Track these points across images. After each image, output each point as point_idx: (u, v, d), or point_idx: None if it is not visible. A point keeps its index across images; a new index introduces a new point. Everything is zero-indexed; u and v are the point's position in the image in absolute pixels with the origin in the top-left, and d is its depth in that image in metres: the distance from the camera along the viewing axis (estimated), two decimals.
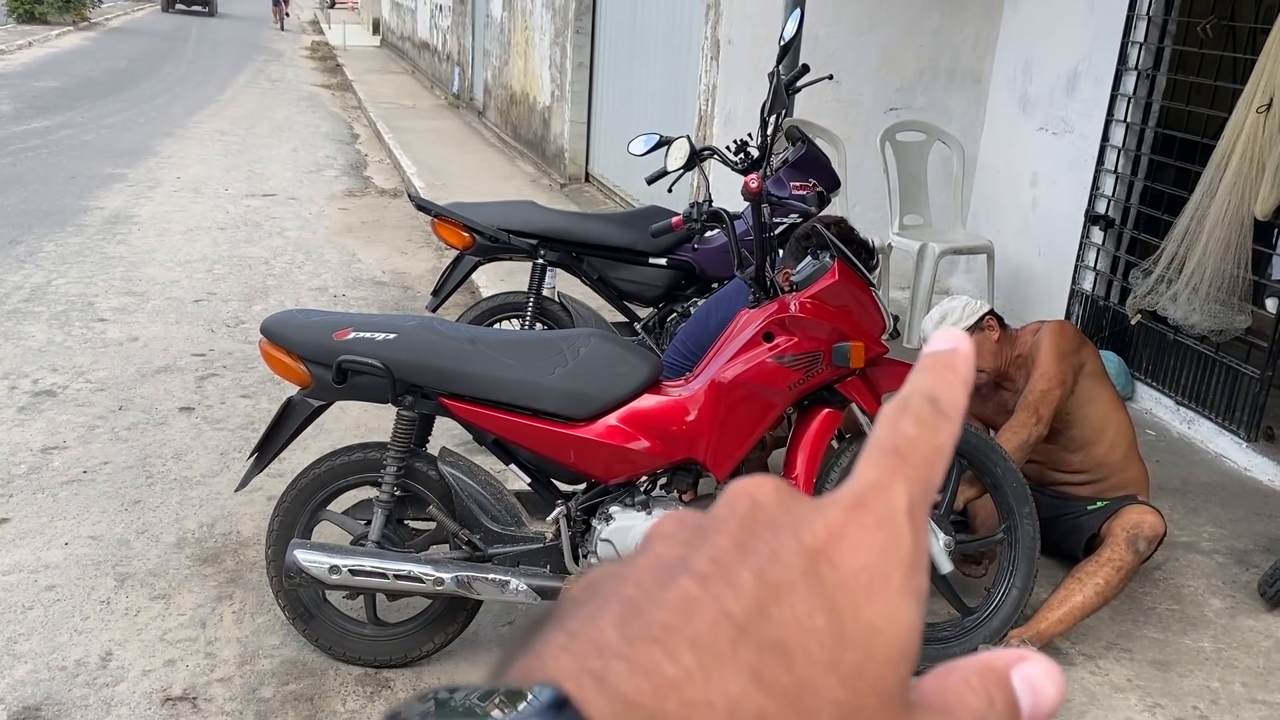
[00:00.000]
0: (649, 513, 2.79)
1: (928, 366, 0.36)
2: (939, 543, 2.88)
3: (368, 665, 2.94)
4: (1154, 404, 4.82)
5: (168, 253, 7.38)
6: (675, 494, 2.91)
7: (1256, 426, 4.30)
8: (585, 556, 2.85)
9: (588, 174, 9.77)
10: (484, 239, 4.15)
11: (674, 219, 3.15)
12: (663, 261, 4.24)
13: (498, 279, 6.14)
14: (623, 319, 4.44)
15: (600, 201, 8.85)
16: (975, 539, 3.02)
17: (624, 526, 2.77)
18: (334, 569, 2.74)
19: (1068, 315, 5.37)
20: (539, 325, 4.27)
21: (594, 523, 2.84)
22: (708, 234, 3.28)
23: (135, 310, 6.08)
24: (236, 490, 2.98)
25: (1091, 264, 5.26)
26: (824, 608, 0.30)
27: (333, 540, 3.31)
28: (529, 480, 2.89)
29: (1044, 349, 3.24)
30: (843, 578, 0.31)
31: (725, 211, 2.95)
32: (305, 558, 2.74)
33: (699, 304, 4.30)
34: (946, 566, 2.89)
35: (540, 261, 4.22)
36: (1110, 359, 4.74)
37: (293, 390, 2.86)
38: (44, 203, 8.64)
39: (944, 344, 0.37)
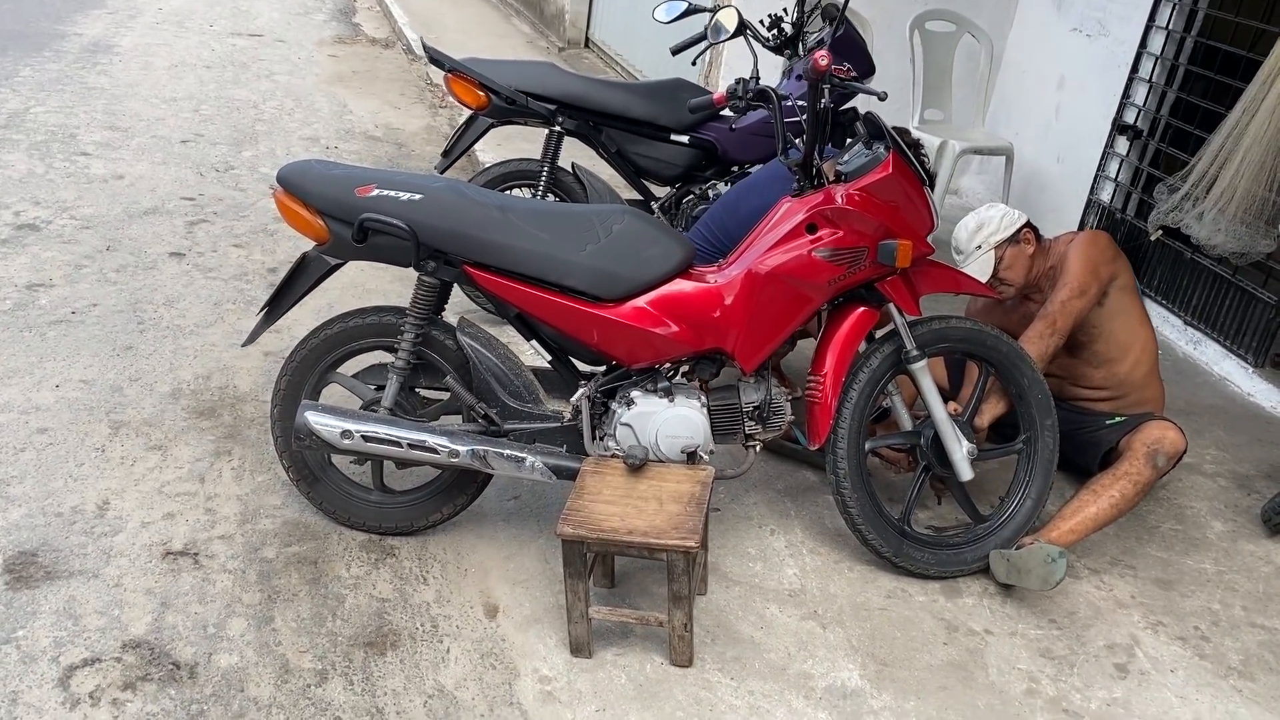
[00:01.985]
0: (670, 400, 2.72)
1: None
2: (962, 450, 2.84)
3: (372, 531, 2.89)
4: (1161, 322, 4.77)
5: (151, 88, 7.05)
6: (697, 382, 2.83)
7: (1265, 353, 4.28)
8: (602, 439, 2.78)
9: (588, 39, 9.41)
10: (500, 100, 3.95)
11: (715, 95, 2.98)
12: (685, 139, 4.08)
13: (494, 143, 5.93)
14: (638, 197, 4.29)
15: (600, 69, 8.53)
16: (996, 448, 2.99)
17: (644, 413, 2.70)
18: (346, 433, 2.65)
19: (1082, 226, 5.28)
20: (551, 197, 4.12)
21: (613, 406, 2.76)
22: (737, 115, 3.12)
23: (120, 146, 5.82)
24: (244, 345, 2.87)
25: (1113, 175, 5.14)
26: None
27: (340, 403, 3.23)
28: (550, 358, 2.80)
29: (1073, 257, 3.15)
30: None
31: (774, 90, 2.79)
32: (317, 420, 2.65)
33: (717, 187, 4.17)
34: (967, 474, 2.85)
35: (557, 129, 4.04)
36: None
37: (308, 245, 2.73)
38: (15, 24, 8.20)
39: None
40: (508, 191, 4.15)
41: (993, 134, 5.71)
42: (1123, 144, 5.08)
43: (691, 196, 4.18)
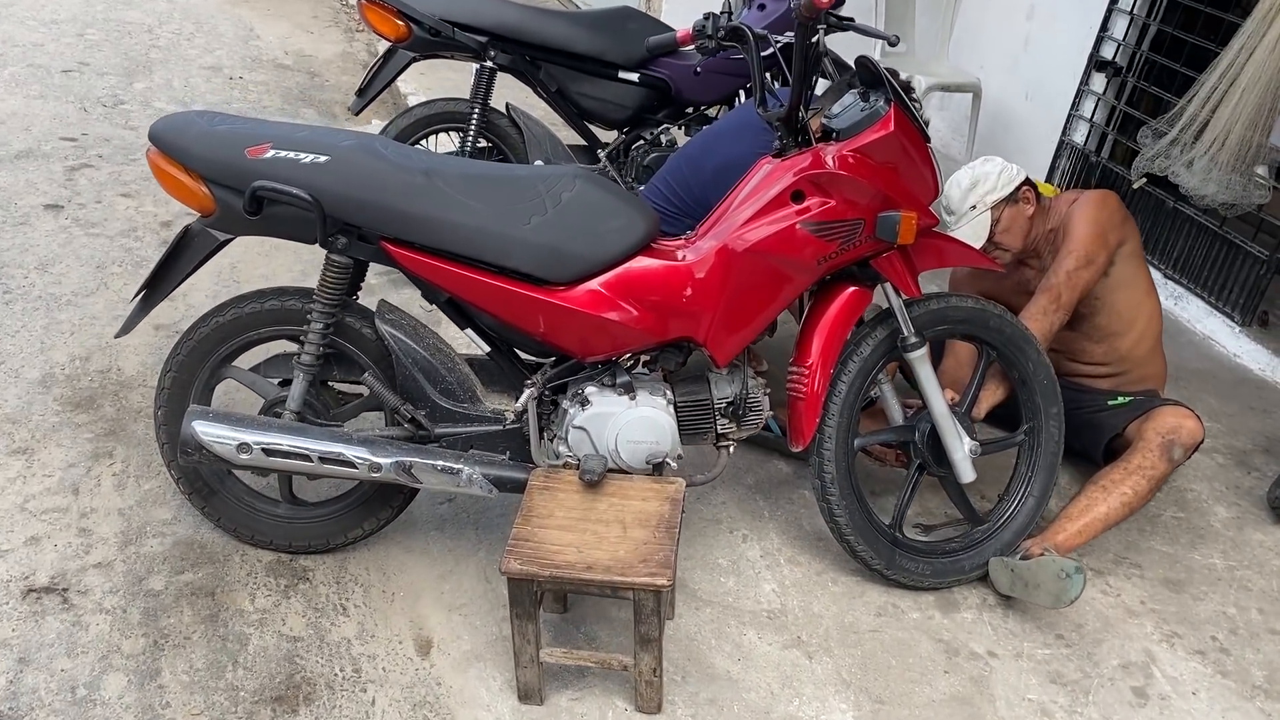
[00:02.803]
0: (632, 398, 2.32)
1: None
2: (964, 448, 2.49)
3: (281, 551, 2.47)
4: None
5: (28, 8, 6.32)
6: (660, 373, 2.44)
7: (1253, 310, 4.01)
8: (551, 440, 2.38)
9: None
10: (422, 31, 3.45)
11: (679, 33, 2.54)
12: (634, 77, 3.62)
13: (418, 77, 5.40)
14: (581, 142, 3.83)
15: None
16: (995, 440, 2.65)
17: (602, 414, 2.30)
18: (243, 447, 2.21)
19: (1052, 169, 4.94)
20: (482, 142, 3.64)
21: (564, 404, 2.36)
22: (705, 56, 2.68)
23: None
24: (118, 335, 2.39)
25: (1087, 115, 4.79)
26: None
27: (239, 406, 2.77)
28: (488, 350, 2.37)
29: (1079, 221, 2.80)
30: None
31: (750, 29, 2.35)
32: (206, 431, 2.20)
33: (670, 131, 3.73)
34: (969, 476, 2.51)
35: (489, 65, 3.55)
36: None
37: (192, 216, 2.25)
38: None
39: None
40: (433, 137, 3.67)
41: (958, 68, 5.32)
42: (1099, 81, 4.72)
43: (642, 142, 3.74)
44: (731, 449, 2.44)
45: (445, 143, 3.71)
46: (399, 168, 2.17)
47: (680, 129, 3.78)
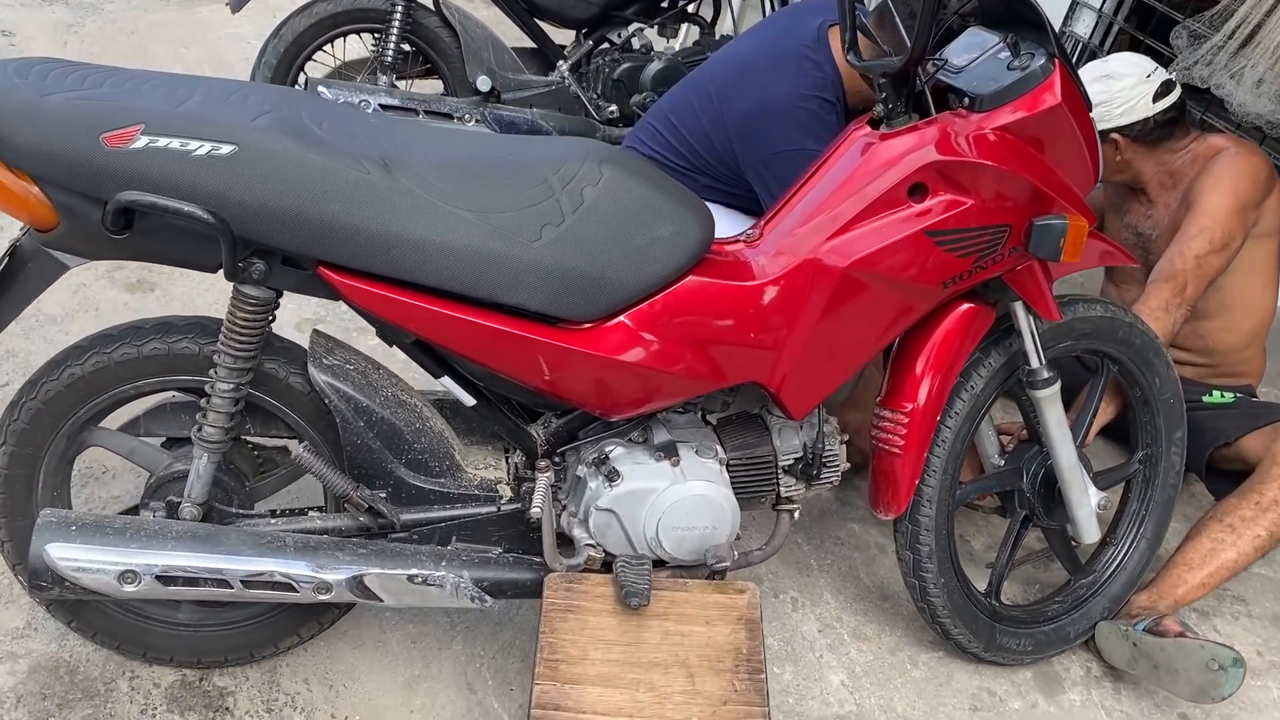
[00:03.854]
0: (674, 463, 1.68)
1: None
2: (1091, 503, 1.95)
3: (187, 667, 1.80)
4: None
5: None
6: (700, 417, 1.80)
7: None
8: (559, 513, 1.74)
9: None
10: None
11: None
12: None
13: None
14: (531, 46, 3.04)
15: None
16: (1106, 471, 2.10)
17: (636, 492, 1.66)
18: (128, 575, 1.50)
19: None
20: (406, 47, 2.82)
21: (581, 472, 1.71)
22: None
23: None
24: None
25: (1095, 2, 4.17)
26: None
27: (109, 477, 2.03)
28: (472, 403, 1.68)
29: (1217, 190, 2.22)
30: None
31: None
32: (69, 557, 1.48)
33: (645, 35, 2.97)
34: (1094, 535, 1.98)
35: None
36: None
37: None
38: None
39: None
40: (339, 41, 2.82)
41: None
42: None
43: (608, 47, 2.97)
44: (796, 514, 1.84)
45: (356, 48, 2.88)
46: (343, 157, 1.42)
47: (655, 28, 3.03)
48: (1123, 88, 2.24)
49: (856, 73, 1.83)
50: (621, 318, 1.56)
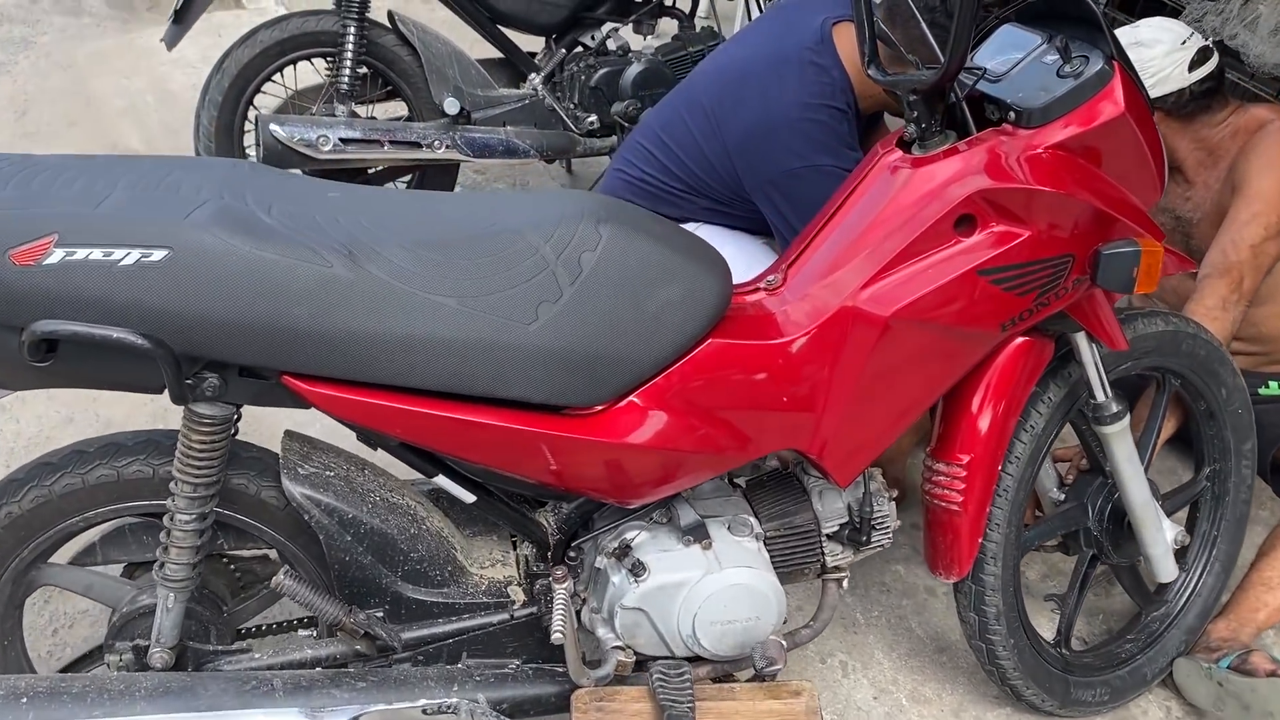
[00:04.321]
0: (706, 547, 1.48)
1: None
2: (1167, 539, 1.76)
3: None
4: None
5: None
6: (731, 487, 1.60)
7: None
8: (579, 609, 1.54)
9: None
10: None
11: None
12: None
13: None
14: (497, 55, 2.80)
15: None
16: (1172, 492, 1.91)
17: (666, 586, 1.46)
18: None
19: None
20: (362, 72, 2.59)
21: (601, 564, 1.50)
22: None
23: None
24: None
25: None
26: None
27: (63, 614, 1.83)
28: (473, 499, 1.47)
29: (1264, 170, 2.02)
30: None
31: None
32: None
33: (620, 35, 2.75)
34: (1171, 573, 1.79)
35: None
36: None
37: None
38: None
39: None
40: (289, 69, 2.58)
41: None
42: None
43: (582, 51, 2.74)
44: (845, 583, 1.64)
45: (309, 73, 2.64)
46: (300, 250, 1.20)
47: (630, 26, 2.80)
48: (1154, 56, 2.04)
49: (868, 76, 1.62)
50: (634, 396, 1.35)
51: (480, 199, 1.48)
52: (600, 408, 1.34)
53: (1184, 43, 2.08)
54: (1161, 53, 2.05)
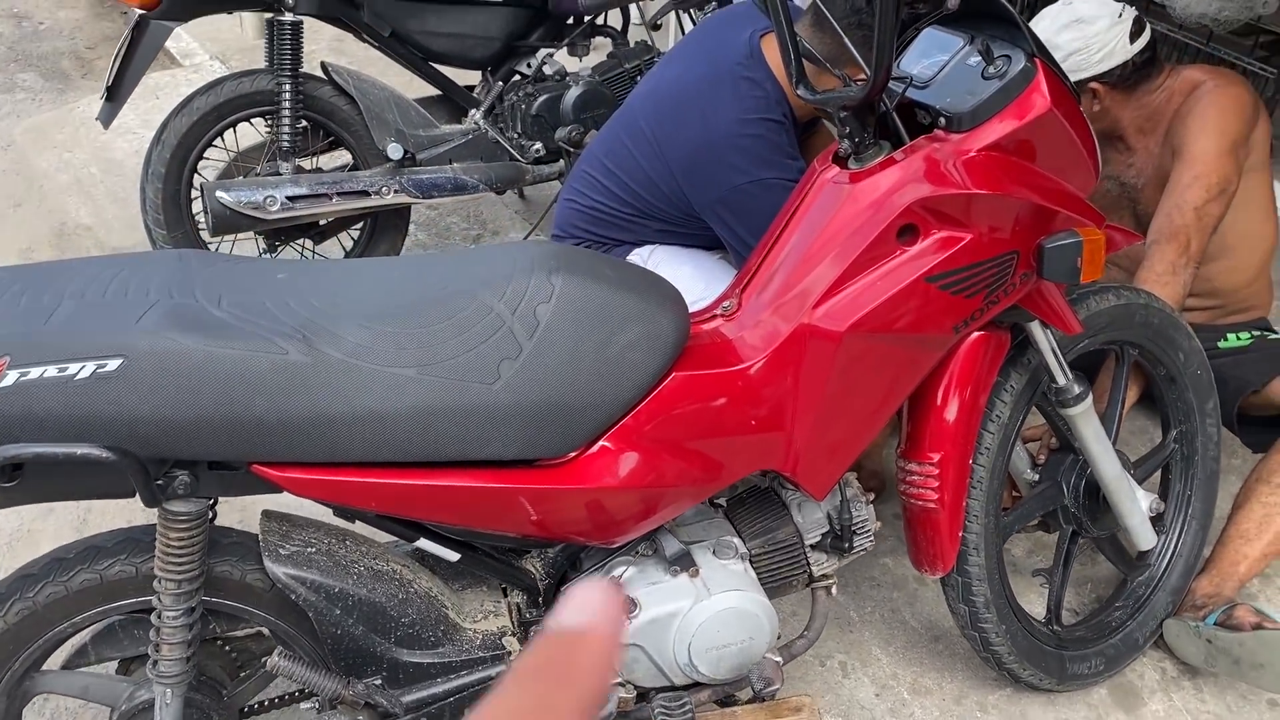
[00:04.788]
0: (693, 574, 1.50)
1: (542, 666, 0.33)
2: (1142, 508, 1.79)
3: None
4: None
5: None
6: (716, 512, 1.62)
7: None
8: None
9: None
10: None
11: None
12: None
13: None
14: (434, 93, 2.81)
15: None
16: (1141, 458, 1.95)
17: (657, 619, 1.48)
18: None
19: None
20: (301, 126, 2.58)
21: None
22: None
23: None
24: None
25: None
26: None
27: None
28: (456, 557, 1.48)
29: (1204, 131, 2.05)
30: None
31: None
32: None
33: (555, 59, 2.76)
34: (1150, 540, 1.83)
35: (289, 17, 2.47)
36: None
37: None
38: None
39: (576, 616, 0.34)
40: (229, 132, 2.58)
41: None
42: None
43: (520, 80, 2.75)
44: (834, 589, 1.67)
45: (251, 133, 2.64)
46: (253, 340, 1.21)
47: (568, 48, 2.81)
48: (1097, 31, 2.06)
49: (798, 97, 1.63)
50: (605, 440, 1.36)
51: (429, 262, 1.48)
52: (573, 455, 1.35)
53: (1120, 15, 2.10)
54: (1104, 27, 2.08)
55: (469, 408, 1.27)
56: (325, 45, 3.91)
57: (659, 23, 2.59)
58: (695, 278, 1.98)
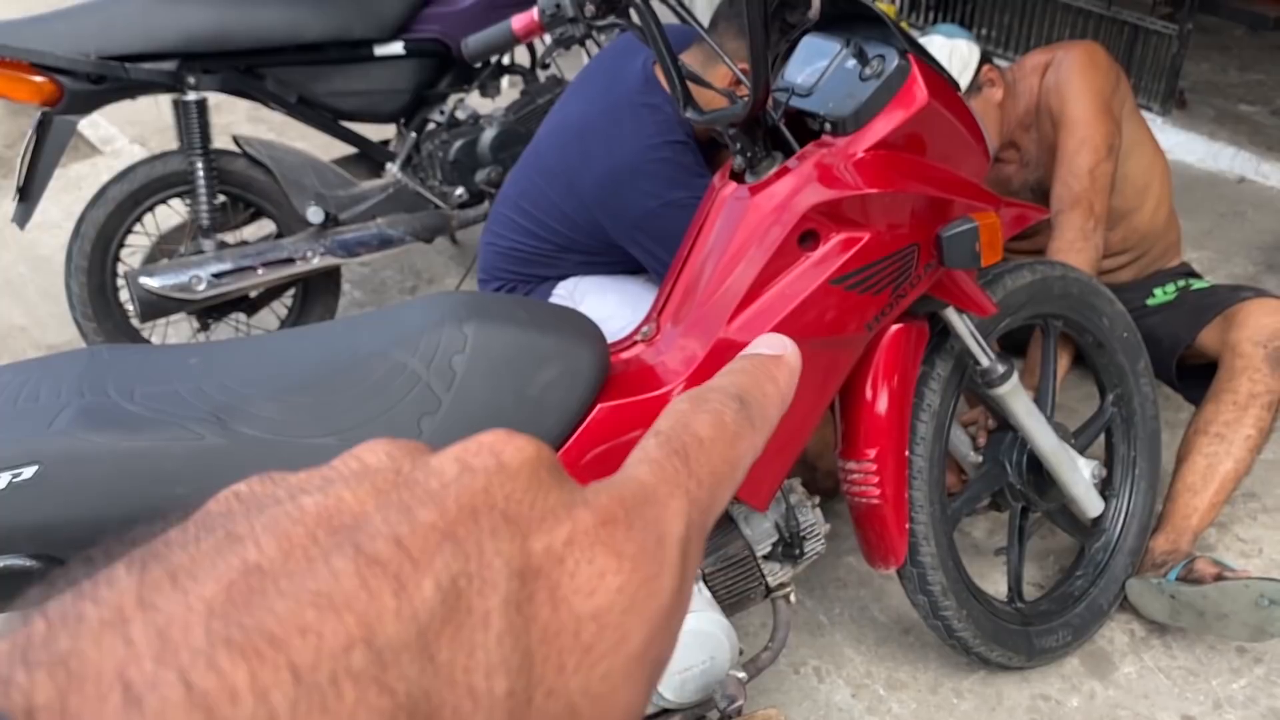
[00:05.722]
0: None
1: (745, 369, 0.31)
2: (1085, 475, 1.81)
3: None
4: None
5: None
6: None
7: (1171, 95, 3.47)
8: None
9: None
10: (78, 82, 2.33)
11: (516, 21, 1.60)
12: (398, 48, 2.61)
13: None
14: (350, 150, 2.81)
15: None
16: (1082, 427, 1.97)
17: None
18: None
19: None
20: (220, 201, 2.58)
21: None
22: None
23: None
24: None
25: None
26: (513, 665, 0.21)
27: None
28: None
29: (1073, 96, 2.10)
30: (559, 623, 0.22)
31: None
32: None
33: (466, 102, 2.77)
34: (1097, 507, 1.85)
35: (192, 96, 2.47)
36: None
37: None
38: None
39: (770, 348, 0.33)
40: (147, 216, 2.57)
41: None
42: None
43: (434, 128, 2.76)
44: (793, 597, 1.67)
45: (170, 215, 2.63)
46: (168, 429, 1.20)
47: (478, 90, 2.82)
48: (939, 50, 2.12)
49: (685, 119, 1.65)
50: None
51: (338, 328, 1.49)
52: None
53: (950, 45, 2.15)
54: (945, 53, 2.12)
55: None
56: (243, 115, 3.91)
57: (547, 62, 2.61)
58: (622, 304, 2.00)
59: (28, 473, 1.15)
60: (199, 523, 0.23)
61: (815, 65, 1.48)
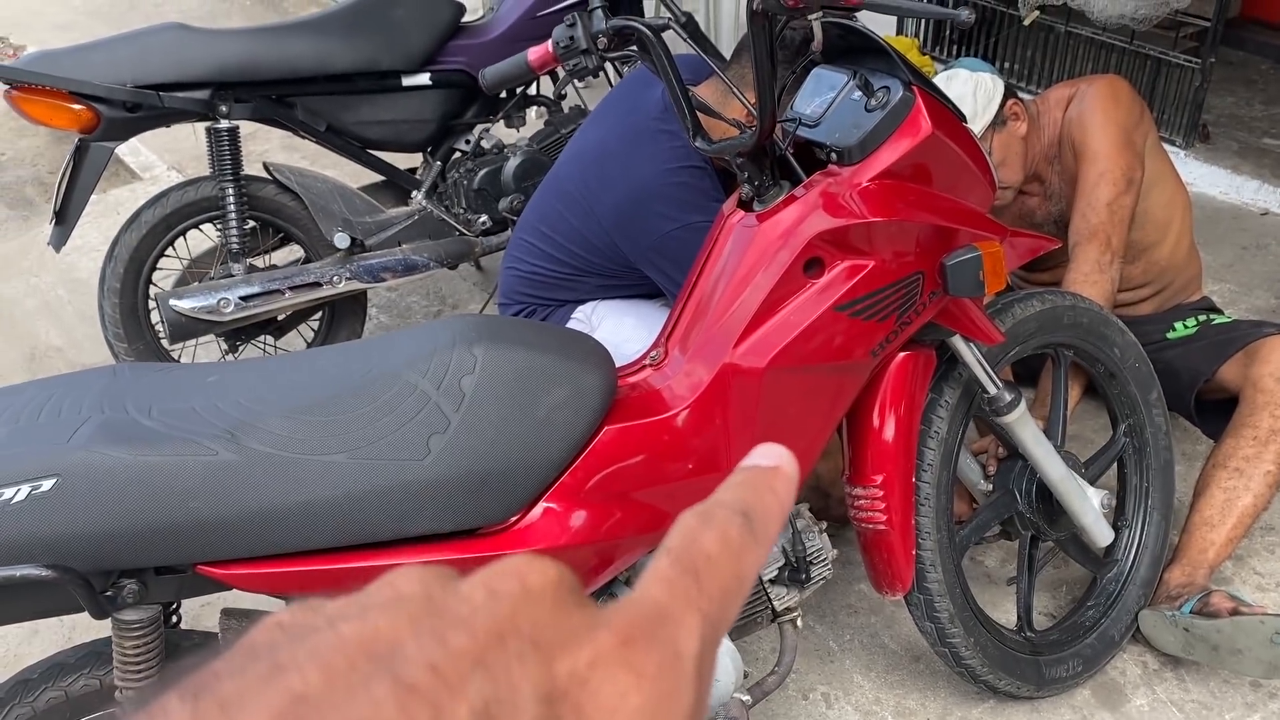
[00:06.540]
0: None
1: (745, 482, 0.33)
2: (1094, 504, 1.81)
3: None
4: None
5: None
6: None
7: (1194, 128, 3.46)
8: None
9: None
10: (114, 109, 2.40)
11: (531, 54, 1.65)
12: (424, 79, 2.67)
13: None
14: (377, 179, 2.87)
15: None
16: (1093, 457, 1.97)
17: None
18: None
19: (901, 22, 4.23)
20: (250, 227, 2.64)
21: None
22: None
23: None
24: None
25: None
26: None
27: None
28: None
29: (1094, 130, 2.11)
30: None
31: (644, 26, 1.49)
32: None
33: (492, 132, 2.82)
34: (1107, 536, 1.85)
35: (225, 124, 2.53)
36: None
37: None
38: None
39: (766, 459, 0.34)
40: (180, 240, 2.63)
41: None
42: None
43: (460, 156, 2.81)
44: (799, 622, 1.68)
45: (202, 240, 2.69)
46: (184, 445, 1.24)
47: (503, 120, 2.87)
48: (965, 90, 2.13)
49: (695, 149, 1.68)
50: (544, 501, 1.39)
51: (351, 349, 1.52)
52: (514, 519, 1.38)
53: (975, 81, 2.16)
54: (970, 90, 2.14)
55: (403, 485, 1.30)
56: (278, 143, 4.00)
57: (564, 93, 2.65)
58: (639, 327, 2.03)
59: (47, 484, 1.19)
60: (245, 652, 0.24)
61: (823, 96, 1.51)
